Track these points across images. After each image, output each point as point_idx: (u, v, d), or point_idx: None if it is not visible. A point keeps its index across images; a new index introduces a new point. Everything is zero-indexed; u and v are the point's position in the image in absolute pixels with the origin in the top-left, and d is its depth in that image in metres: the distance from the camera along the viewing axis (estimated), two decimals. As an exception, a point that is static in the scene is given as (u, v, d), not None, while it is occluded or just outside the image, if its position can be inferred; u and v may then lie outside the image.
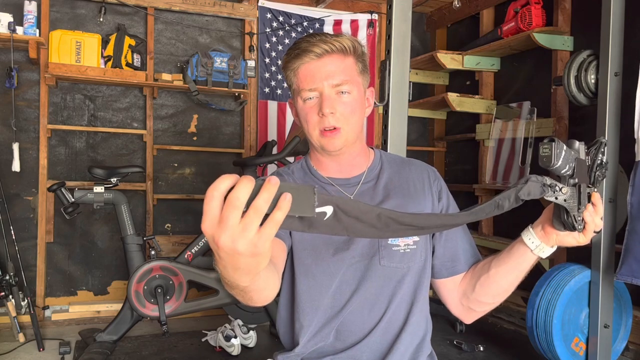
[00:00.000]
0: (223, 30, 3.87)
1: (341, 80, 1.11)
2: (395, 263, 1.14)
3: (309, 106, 1.14)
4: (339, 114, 1.12)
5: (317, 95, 1.12)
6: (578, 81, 2.66)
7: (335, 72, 1.11)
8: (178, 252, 3.12)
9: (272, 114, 3.93)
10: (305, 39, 1.13)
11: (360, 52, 1.15)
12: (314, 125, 1.14)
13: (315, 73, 1.11)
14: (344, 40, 1.12)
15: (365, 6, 4.14)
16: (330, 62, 1.11)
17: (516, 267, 1.08)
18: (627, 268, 2.21)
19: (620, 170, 2.41)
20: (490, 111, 3.76)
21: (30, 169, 3.42)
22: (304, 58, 1.12)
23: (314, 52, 1.11)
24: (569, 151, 0.90)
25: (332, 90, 1.11)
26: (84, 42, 3.31)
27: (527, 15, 3.23)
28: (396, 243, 1.14)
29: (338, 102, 1.12)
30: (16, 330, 2.99)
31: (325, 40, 1.11)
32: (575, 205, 0.92)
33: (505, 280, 1.10)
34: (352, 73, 1.13)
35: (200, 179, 3.85)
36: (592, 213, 0.94)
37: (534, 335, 2.50)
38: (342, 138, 1.13)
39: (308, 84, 1.12)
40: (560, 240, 1.00)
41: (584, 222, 0.95)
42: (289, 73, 1.16)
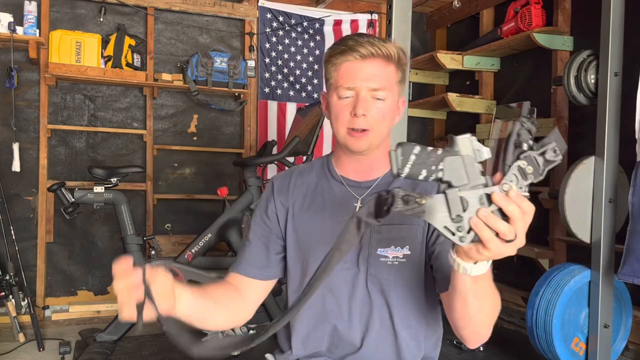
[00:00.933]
0: (223, 30, 3.87)
1: (379, 85, 1.12)
2: (383, 274, 1.13)
3: (343, 104, 1.14)
4: (371, 117, 1.12)
5: (353, 95, 1.12)
6: (578, 81, 2.66)
7: (375, 77, 1.12)
8: (178, 252, 3.12)
9: (272, 114, 3.94)
10: (353, 37, 1.13)
11: (404, 62, 1.16)
12: (344, 123, 1.14)
13: (356, 73, 1.12)
14: (390, 47, 1.12)
15: (365, 6, 4.14)
16: (373, 65, 1.12)
17: (453, 289, 0.95)
18: (628, 268, 2.21)
19: (620, 170, 2.41)
20: (490, 111, 3.76)
21: (30, 169, 3.42)
22: (348, 56, 1.12)
23: (359, 52, 1.10)
24: (427, 152, 0.78)
25: (368, 93, 1.12)
26: (84, 42, 3.32)
27: (527, 15, 3.23)
28: (384, 254, 1.14)
29: (372, 105, 1.12)
30: (16, 330, 2.99)
31: (373, 43, 1.11)
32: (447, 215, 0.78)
33: (457, 304, 0.97)
34: (390, 81, 1.14)
35: (200, 179, 3.85)
36: (484, 219, 0.77)
37: (534, 335, 2.50)
38: (368, 141, 1.14)
39: (347, 82, 1.12)
40: (471, 254, 0.83)
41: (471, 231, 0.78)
42: (329, 67, 1.16)
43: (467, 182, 0.78)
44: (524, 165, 0.78)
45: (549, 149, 0.79)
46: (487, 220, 0.77)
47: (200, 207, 3.80)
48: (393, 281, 1.14)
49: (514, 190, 0.77)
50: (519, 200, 0.77)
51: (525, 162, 0.78)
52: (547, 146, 0.79)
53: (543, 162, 0.79)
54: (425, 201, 0.78)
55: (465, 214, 0.77)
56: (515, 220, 0.77)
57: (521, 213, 0.77)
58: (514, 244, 0.78)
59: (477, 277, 0.88)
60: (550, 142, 0.78)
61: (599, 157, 2.37)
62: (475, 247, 0.80)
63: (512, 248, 0.79)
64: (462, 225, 0.78)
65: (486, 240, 0.77)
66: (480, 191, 0.78)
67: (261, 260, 1.23)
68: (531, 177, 0.78)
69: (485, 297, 0.95)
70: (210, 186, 3.81)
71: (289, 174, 1.27)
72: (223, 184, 3.68)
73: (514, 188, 0.77)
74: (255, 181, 3.08)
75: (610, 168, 2.34)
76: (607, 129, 2.32)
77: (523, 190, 0.78)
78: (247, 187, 3.09)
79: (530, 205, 0.78)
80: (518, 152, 0.79)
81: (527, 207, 0.78)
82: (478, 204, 0.77)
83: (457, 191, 0.77)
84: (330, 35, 4.09)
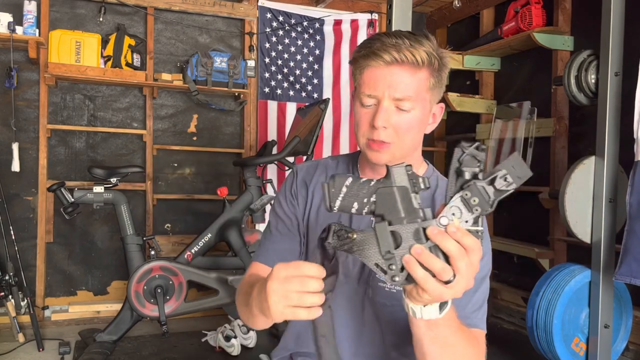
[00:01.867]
0: (223, 30, 3.87)
1: (404, 95, 1.00)
2: (381, 299, 1.09)
3: (364, 112, 1.04)
4: (393, 129, 1.02)
5: (375, 103, 1.02)
6: (578, 81, 2.65)
7: (399, 85, 1.00)
8: (178, 252, 3.12)
9: (272, 114, 3.93)
10: (380, 39, 1.01)
11: (437, 65, 1.02)
12: (364, 133, 1.05)
13: (379, 80, 1.00)
14: (419, 52, 0.99)
15: (365, 6, 4.13)
16: (398, 73, 0.99)
17: (411, 332, 0.87)
18: (626, 268, 2.21)
19: (621, 171, 2.41)
20: (490, 111, 3.76)
21: (30, 169, 3.42)
22: (371, 61, 1.01)
23: (382, 58, 0.99)
24: (359, 184, 0.73)
25: (391, 102, 1.01)
26: (83, 42, 3.31)
27: (527, 15, 3.23)
28: (383, 280, 1.08)
29: (395, 116, 1.01)
30: (16, 331, 2.99)
31: (400, 47, 0.98)
32: (377, 251, 0.71)
33: (415, 349, 0.90)
34: (419, 89, 1.01)
35: (200, 179, 3.84)
36: (417, 256, 0.69)
37: (534, 335, 2.50)
38: (389, 154, 1.04)
39: (369, 89, 1.02)
40: (413, 295, 0.76)
41: (404, 269, 0.71)
42: (355, 69, 1.07)
43: (402, 216, 0.71)
44: (467, 196, 0.70)
45: (499, 177, 0.69)
46: (420, 257, 0.69)
47: (200, 207, 3.79)
48: (390, 307, 1.08)
49: (454, 225, 0.69)
50: (458, 236, 0.69)
51: (469, 193, 0.70)
52: (496, 174, 0.69)
53: (493, 192, 0.69)
54: (356, 236, 0.72)
55: (398, 251, 0.70)
56: (455, 259, 0.69)
57: (461, 250, 0.69)
58: (455, 284, 0.70)
59: (433, 322, 0.79)
60: (500, 170, 0.69)
61: (599, 157, 2.37)
62: (415, 288, 0.73)
63: (454, 290, 0.71)
64: (394, 262, 0.71)
65: (420, 280, 0.70)
66: (417, 225, 0.70)
67: (289, 250, 1.15)
68: (477, 210, 0.70)
69: (447, 347, 0.85)
70: (210, 186, 3.81)
71: (314, 167, 1.20)
72: (223, 184, 3.69)
73: (455, 222, 0.70)
74: (255, 181, 3.08)
75: (610, 168, 2.34)
76: (607, 129, 2.32)
77: (468, 224, 0.70)
78: (247, 187, 3.08)
79: (475, 241, 0.70)
80: (461, 182, 0.71)
81: (469, 244, 0.69)
82: (413, 240, 0.70)
83: (387, 225, 0.70)
84: (330, 35, 4.08)
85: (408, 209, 0.71)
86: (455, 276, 0.70)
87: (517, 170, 0.69)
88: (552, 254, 3.19)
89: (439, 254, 0.70)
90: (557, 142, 3.22)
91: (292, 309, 0.76)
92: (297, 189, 1.18)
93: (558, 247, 3.18)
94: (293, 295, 0.75)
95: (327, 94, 4.06)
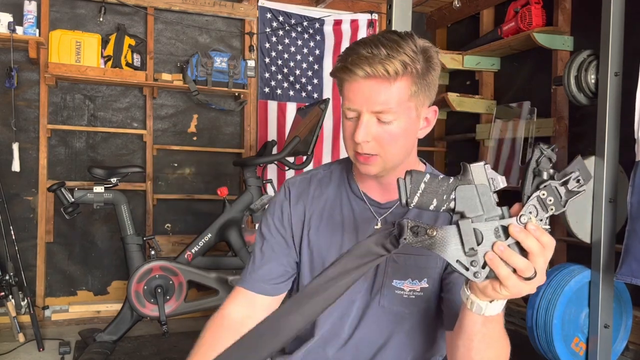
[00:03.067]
0: (223, 30, 3.87)
1: (383, 108, 0.97)
2: (397, 306, 1.06)
3: (347, 124, 1.02)
4: (376, 141, 0.99)
5: (356, 117, 1.00)
6: (578, 81, 2.65)
7: (377, 99, 0.96)
8: (178, 252, 3.12)
9: (272, 114, 3.93)
10: (356, 50, 0.97)
11: (420, 70, 0.97)
12: (350, 146, 1.03)
13: (357, 94, 0.98)
14: (393, 63, 0.93)
15: (365, 6, 4.13)
16: (373, 86, 0.96)
17: (460, 328, 0.88)
18: (627, 268, 2.21)
19: (621, 170, 2.41)
20: (490, 111, 3.76)
21: (30, 169, 3.42)
22: (345, 75, 0.99)
23: (355, 73, 0.96)
24: (438, 181, 0.74)
25: (372, 116, 0.98)
26: (83, 42, 3.31)
27: (527, 15, 3.23)
28: (401, 287, 1.05)
29: (376, 128, 0.98)
30: (16, 330, 2.99)
31: (372, 61, 0.94)
32: (459, 248, 0.72)
33: (461, 345, 0.89)
34: (399, 99, 0.97)
35: (200, 179, 3.85)
36: (500, 253, 0.71)
37: (534, 335, 2.50)
38: (379, 166, 1.01)
39: (349, 102, 1.00)
40: (486, 292, 0.77)
41: (487, 266, 0.72)
42: (338, 80, 1.03)
43: (481, 213, 0.72)
44: (544, 196, 0.73)
45: (572, 178, 0.73)
46: (504, 255, 0.70)
47: (200, 207, 3.80)
48: (408, 314, 1.06)
49: (533, 223, 0.71)
50: (538, 234, 0.71)
51: (546, 193, 0.73)
52: (569, 175, 0.73)
53: (565, 192, 0.73)
54: (437, 233, 0.72)
55: (480, 248, 0.72)
56: (534, 256, 0.71)
57: (540, 248, 0.71)
58: (534, 281, 0.72)
59: (489, 319, 0.81)
60: (573, 171, 0.74)
61: (599, 157, 2.37)
62: (491, 284, 0.74)
63: (531, 286, 0.72)
64: (476, 259, 0.72)
65: (503, 277, 0.71)
66: (496, 223, 0.72)
67: (274, 273, 1.13)
68: (552, 209, 0.73)
69: (493, 342, 0.86)
70: (210, 186, 3.81)
71: (308, 181, 1.16)
72: (223, 184, 3.69)
73: (532, 220, 0.72)
74: (255, 181, 3.08)
75: (610, 168, 2.34)
76: (607, 129, 2.32)
77: (543, 223, 0.73)
78: (247, 187, 3.08)
79: (551, 239, 0.72)
80: (538, 181, 0.74)
81: (547, 241, 0.71)
82: (494, 237, 0.72)
83: (471, 222, 0.72)
84: (330, 35, 4.08)
85: (488, 206, 0.72)
86: (536, 273, 0.71)
87: (582, 173, 0.74)
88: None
89: (517, 251, 0.72)
90: (557, 142, 3.22)
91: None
92: (291, 207, 1.14)
93: (558, 247, 3.17)
94: None
95: (327, 94, 4.06)
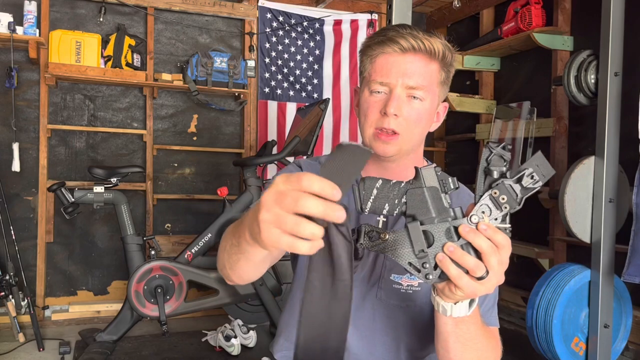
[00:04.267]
0: (223, 30, 3.87)
1: (417, 83, 0.99)
2: (393, 300, 1.06)
3: (373, 100, 1.01)
4: (403, 118, 0.99)
5: (387, 92, 1.00)
6: (578, 81, 2.66)
7: (414, 73, 0.99)
8: (178, 252, 3.12)
9: (272, 114, 3.93)
10: (394, 28, 1.01)
11: (449, 61, 1.03)
12: (372, 123, 1.02)
13: (393, 67, 0.99)
14: (435, 42, 0.99)
15: (365, 6, 4.14)
16: (413, 61, 0.99)
17: (436, 329, 0.89)
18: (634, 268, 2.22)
19: (620, 170, 2.41)
20: (490, 111, 3.76)
21: (30, 169, 3.42)
22: (386, 47, 0.99)
23: (399, 44, 0.98)
24: (390, 186, 0.74)
25: (404, 91, 0.99)
26: (83, 42, 3.31)
27: (527, 15, 3.23)
28: (399, 281, 1.05)
29: (407, 105, 1.00)
30: (16, 330, 2.99)
31: (416, 35, 0.98)
32: (410, 250, 0.73)
33: (439, 346, 0.90)
34: (432, 80, 1.01)
35: (200, 179, 3.85)
36: (450, 254, 0.70)
37: (534, 335, 2.50)
38: (397, 146, 1.02)
39: (381, 76, 1.00)
40: (445, 293, 0.77)
41: (438, 267, 0.72)
42: (365, 58, 1.04)
43: (433, 215, 0.73)
44: (496, 195, 0.72)
45: (525, 175, 0.73)
46: (454, 255, 0.70)
47: (200, 207, 3.80)
48: (404, 308, 1.06)
49: (485, 222, 0.71)
50: (490, 233, 0.71)
51: (498, 191, 0.72)
52: (522, 172, 0.73)
53: (520, 189, 0.73)
54: (388, 236, 0.73)
55: (431, 250, 0.72)
56: (486, 255, 0.70)
57: (492, 247, 0.71)
58: (488, 281, 0.72)
59: (460, 320, 0.81)
60: (526, 168, 0.73)
61: (599, 157, 2.37)
62: (448, 286, 0.74)
63: (486, 286, 0.72)
64: (427, 261, 0.72)
65: (454, 277, 0.71)
66: (448, 224, 0.72)
67: None
68: (506, 207, 0.72)
69: (470, 344, 0.86)
70: (210, 186, 3.81)
71: (316, 166, 1.15)
72: (223, 184, 3.69)
73: (485, 220, 0.72)
74: (255, 181, 3.08)
75: (610, 168, 2.34)
76: (607, 129, 2.32)
77: (498, 222, 0.73)
78: (247, 187, 3.09)
79: (505, 238, 0.71)
80: (489, 180, 0.74)
81: (500, 240, 0.71)
82: (445, 239, 0.72)
83: (419, 225, 0.72)
84: (330, 36, 4.09)
85: (439, 208, 0.73)
86: (487, 272, 0.71)
87: (541, 168, 0.73)
88: (552, 253, 3.19)
89: (470, 251, 0.72)
90: (557, 142, 3.22)
91: (288, 239, 0.60)
92: None
93: (558, 246, 3.18)
94: (288, 219, 0.60)
95: (327, 94, 4.06)
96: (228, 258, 0.86)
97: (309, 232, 0.59)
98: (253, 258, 0.77)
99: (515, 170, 0.73)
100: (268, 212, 0.61)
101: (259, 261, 0.80)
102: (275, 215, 0.61)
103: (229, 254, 0.84)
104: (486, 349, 0.91)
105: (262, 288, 2.99)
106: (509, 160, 0.74)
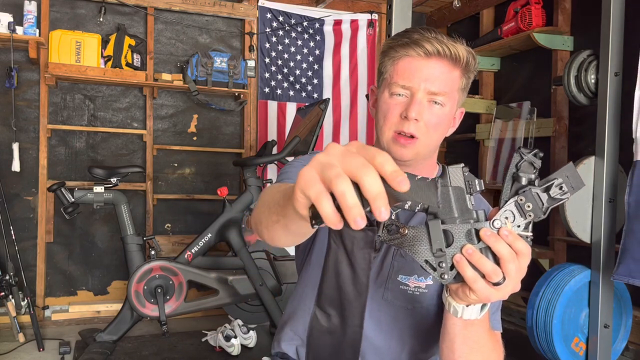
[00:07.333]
0: (223, 30, 3.87)
1: (440, 89, 0.99)
2: (400, 301, 1.05)
3: (394, 102, 1.01)
4: (424, 123, 0.99)
5: (408, 95, 1.00)
6: (578, 81, 2.66)
7: (437, 79, 0.98)
8: (178, 252, 3.12)
9: (272, 114, 3.93)
10: (419, 30, 1.00)
11: (472, 68, 1.03)
12: (391, 126, 1.01)
13: (416, 71, 0.98)
14: (459, 49, 0.99)
15: (365, 6, 4.14)
16: (437, 66, 0.99)
17: (444, 329, 0.89)
18: (624, 268, 2.21)
19: (620, 170, 2.41)
20: (490, 111, 3.76)
21: (30, 169, 3.42)
22: (410, 50, 0.99)
23: (424, 48, 0.97)
24: (415, 182, 0.71)
25: (425, 96, 0.99)
26: (83, 42, 3.31)
27: (527, 15, 3.23)
28: (406, 282, 1.05)
29: (427, 110, 1.00)
30: (16, 330, 2.99)
31: (441, 40, 0.98)
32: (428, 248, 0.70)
33: (444, 346, 0.90)
34: (453, 87, 1.01)
35: (200, 179, 3.85)
36: (468, 256, 0.69)
37: (534, 335, 2.50)
38: (415, 150, 1.01)
39: (403, 80, 0.99)
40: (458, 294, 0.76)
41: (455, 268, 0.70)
42: (386, 59, 1.03)
43: (455, 215, 0.70)
44: (522, 202, 0.71)
45: (554, 185, 0.71)
46: (472, 257, 0.69)
47: (200, 207, 3.80)
48: (410, 310, 1.06)
49: (506, 228, 0.70)
50: (511, 240, 0.69)
51: (524, 198, 0.71)
52: (552, 182, 0.71)
53: (547, 199, 0.71)
54: (408, 231, 0.71)
55: (449, 250, 0.70)
56: (504, 261, 0.69)
57: (512, 254, 0.69)
58: (504, 287, 0.70)
59: (469, 322, 0.81)
60: (556, 178, 0.71)
61: (599, 157, 2.37)
62: (462, 287, 0.73)
63: (501, 293, 0.71)
64: (444, 260, 0.70)
65: (469, 280, 0.69)
66: (469, 226, 0.70)
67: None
68: (530, 215, 0.71)
69: (477, 347, 0.86)
70: (210, 186, 3.81)
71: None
72: (223, 184, 3.69)
73: (507, 225, 0.70)
74: (255, 181, 3.08)
75: (610, 168, 2.34)
76: (607, 129, 2.32)
77: (521, 229, 0.71)
78: (247, 187, 3.09)
79: (526, 246, 0.70)
80: (516, 187, 0.72)
81: (521, 248, 0.69)
82: (465, 240, 0.70)
83: (440, 223, 0.70)
84: (330, 36, 4.09)
85: (462, 209, 0.71)
86: (504, 279, 0.70)
87: (571, 180, 0.71)
88: (552, 253, 3.19)
89: (489, 255, 0.70)
90: (557, 142, 3.22)
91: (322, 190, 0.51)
92: None
93: (558, 247, 3.18)
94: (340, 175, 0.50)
95: (327, 94, 4.06)
96: (267, 216, 0.77)
97: (351, 201, 0.49)
98: (291, 225, 0.70)
99: (546, 179, 0.71)
100: (327, 156, 0.53)
101: (295, 229, 0.73)
102: (328, 165, 0.51)
103: (269, 210, 0.77)
104: (491, 352, 0.90)
105: (262, 288, 2.99)
106: (538, 168, 0.72)
